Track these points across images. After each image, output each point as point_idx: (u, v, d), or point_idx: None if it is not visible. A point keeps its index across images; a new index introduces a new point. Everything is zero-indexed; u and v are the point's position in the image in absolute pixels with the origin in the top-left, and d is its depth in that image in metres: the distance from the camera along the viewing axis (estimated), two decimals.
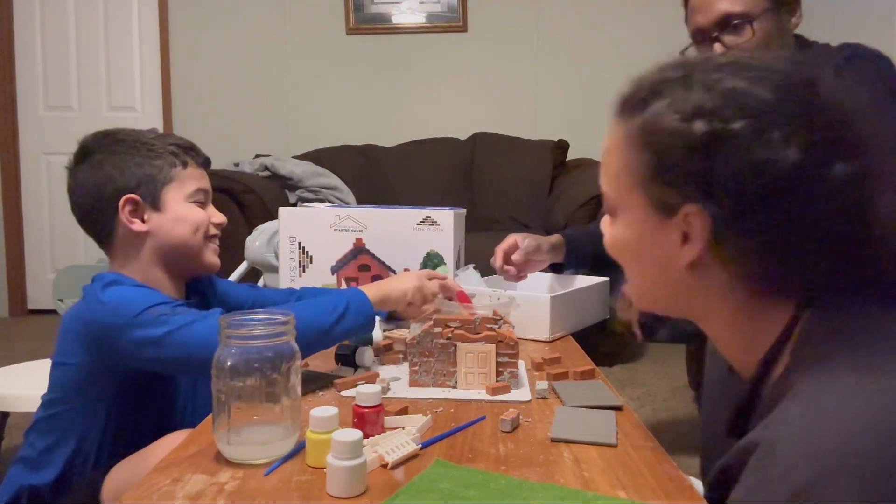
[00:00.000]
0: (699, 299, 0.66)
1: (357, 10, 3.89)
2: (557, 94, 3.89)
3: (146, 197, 1.07)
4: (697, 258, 0.62)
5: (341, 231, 1.54)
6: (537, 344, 1.33)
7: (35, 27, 4.01)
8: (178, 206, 1.09)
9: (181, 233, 1.09)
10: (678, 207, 0.62)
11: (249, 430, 0.77)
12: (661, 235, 0.64)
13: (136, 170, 1.07)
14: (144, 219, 1.07)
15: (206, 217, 1.12)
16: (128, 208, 1.06)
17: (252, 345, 0.77)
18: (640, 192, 0.65)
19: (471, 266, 1.53)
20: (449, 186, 3.50)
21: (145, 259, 1.08)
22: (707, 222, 0.60)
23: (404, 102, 3.94)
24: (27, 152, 4.06)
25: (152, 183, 1.07)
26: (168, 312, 0.96)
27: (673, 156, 0.61)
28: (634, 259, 0.70)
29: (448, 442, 0.82)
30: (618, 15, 3.80)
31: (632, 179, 0.66)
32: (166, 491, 0.69)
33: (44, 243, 4.09)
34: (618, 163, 0.68)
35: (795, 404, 0.55)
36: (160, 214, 1.08)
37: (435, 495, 0.66)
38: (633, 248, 0.69)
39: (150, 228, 1.07)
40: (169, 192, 1.08)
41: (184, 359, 0.94)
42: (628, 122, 0.67)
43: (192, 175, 1.11)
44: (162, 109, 4.01)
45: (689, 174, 0.61)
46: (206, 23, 3.95)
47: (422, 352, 1.02)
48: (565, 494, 0.67)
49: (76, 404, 1.01)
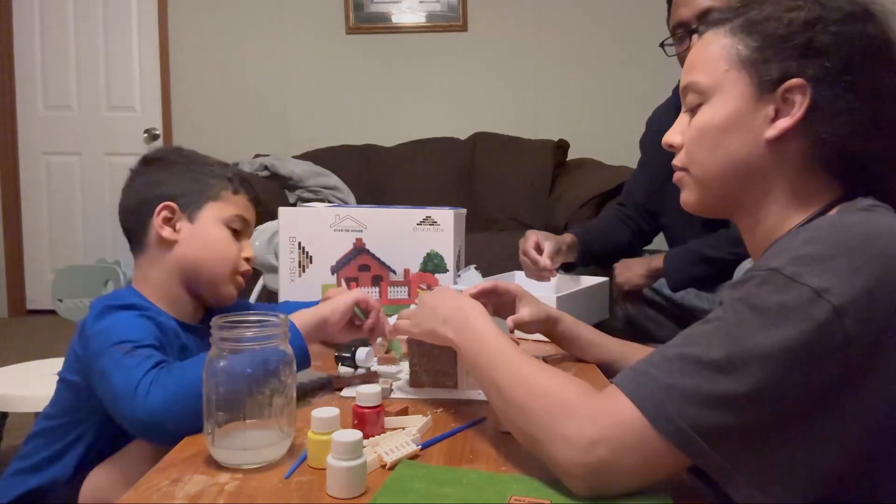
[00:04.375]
0: (764, 179, 0.73)
1: (357, 10, 3.89)
2: (557, 94, 3.89)
3: (185, 207, 1.05)
4: (784, 131, 0.70)
5: (341, 231, 1.54)
6: (538, 344, 1.33)
7: (34, 27, 4.01)
8: (212, 225, 1.07)
9: (206, 255, 1.06)
10: (781, 82, 0.70)
11: (241, 434, 0.76)
12: (755, 111, 0.72)
13: (185, 182, 1.06)
14: (176, 227, 1.05)
15: (236, 251, 1.08)
16: (163, 214, 1.04)
17: (243, 348, 0.76)
18: (741, 71, 0.73)
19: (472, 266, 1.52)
20: (449, 186, 3.50)
21: (167, 271, 1.05)
22: (807, 92, 0.69)
23: (404, 102, 3.94)
24: (26, 152, 4.06)
25: (195, 195, 1.06)
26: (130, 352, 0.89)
27: (777, 35, 0.71)
28: (716, 139, 0.74)
29: (448, 442, 0.81)
30: (618, 15, 3.80)
31: (733, 61, 0.73)
32: (166, 491, 0.68)
33: (43, 243, 4.09)
34: (717, 51, 0.75)
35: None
36: (192, 227, 1.05)
37: (412, 495, 0.66)
38: (719, 127, 0.74)
39: (179, 238, 1.05)
40: (209, 208, 1.07)
41: (111, 409, 0.89)
42: (727, 23, 0.75)
43: (237, 201, 1.10)
44: (161, 109, 4.01)
45: (794, 49, 0.70)
46: (205, 23, 3.95)
47: (422, 352, 1.02)
48: (538, 484, 0.68)
49: (68, 420, 1.00)
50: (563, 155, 3.54)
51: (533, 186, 3.42)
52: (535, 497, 0.65)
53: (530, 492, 0.66)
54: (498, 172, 3.51)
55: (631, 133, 1.98)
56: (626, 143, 2.38)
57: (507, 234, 2.96)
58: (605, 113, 3.81)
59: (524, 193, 3.42)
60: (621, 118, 3.50)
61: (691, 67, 0.78)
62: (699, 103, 0.76)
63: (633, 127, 1.97)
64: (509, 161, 3.52)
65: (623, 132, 2.80)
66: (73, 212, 4.09)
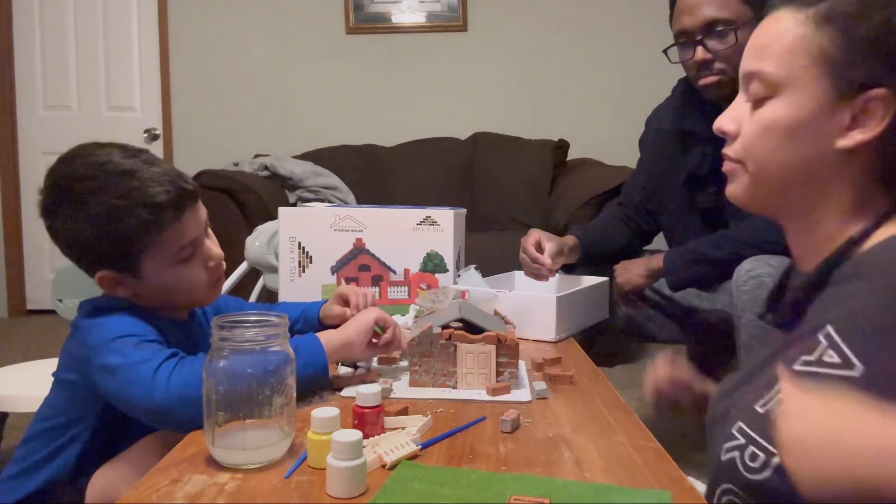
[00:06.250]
0: (825, 185, 0.68)
1: (357, 10, 3.89)
2: (557, 94, 3.88)
3: (122, 269, 0.94)
4: (859, 144, 0.65)
5: (341, 231, 1.54)
6: (538, 344, 1.33)
7: (34, 27, 4.00)
8: (161, 273, 0.95)
9: (169, 298, 1.00)
10: (863, 89, 0.64)
11: (241, 434, 0.76)
12: (829, 116, 0.66)
13: (106, 236, 0.91)
14: (126, 283, 0.96)
15: (201, 274, 0.99)
16: (105, 283, 0.96)
17: (243, 348, 0.76)
18: (819, 69, 0.66)
19: (472, 267, 1.52)
20: (449, 186, 3.49)
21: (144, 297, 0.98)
22: (892, 106, 0.63)
23: (404, 102, 3.94)
24: (26, 152, 4.06)
25: (125, 252, 0.92)
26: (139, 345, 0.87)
27: (868, 37, 0.63)
28: (783, 139, 0.69)
29: (448, 442, 0.82)
30: (618, 15, 3.80)
31: (814, 58, 0.66)
32: (166, 491, 0.68)
33: (43, 243, 4.09)
34: (793, 41, 0.68)
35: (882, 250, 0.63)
36: (140, 282, 0.96)
37: (411, 496, 0.66)
38: (788, 128, 0.68)
39: (137, 292, 0.97)
40: (147, 259, 0.93)
41: (124, 399, 0.88)
42: (810, 8, 0.67)
43: (173, 233, 0.93)
44: (161, 109, 4.00)
45: (884, 55, 0.63)
46: (205, 22, 3.95)
47: (422, 352, 1.02)
48: (537, 483, 0.68)
49: (63, 420, 1.00)
50: (563, 155, 3.54)
51: (533, 186, 3.42)
52: (534, 496, 0.65)
53: (530, 491, 0.66)
54: (498, 172, 3.51)
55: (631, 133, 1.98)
56: (626, 143, 2.38)
57: (507, 234, 2.96)
58: (605, 113, 3.81)
59: (524, 193, 3.42)
60: (621, 118, 3.50)
61: (760, 52, 0.71)
62: (766, 96, 0.70)
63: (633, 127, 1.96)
64: (509, 161, 3.52)
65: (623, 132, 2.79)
66: None
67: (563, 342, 1.36)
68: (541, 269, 1.54)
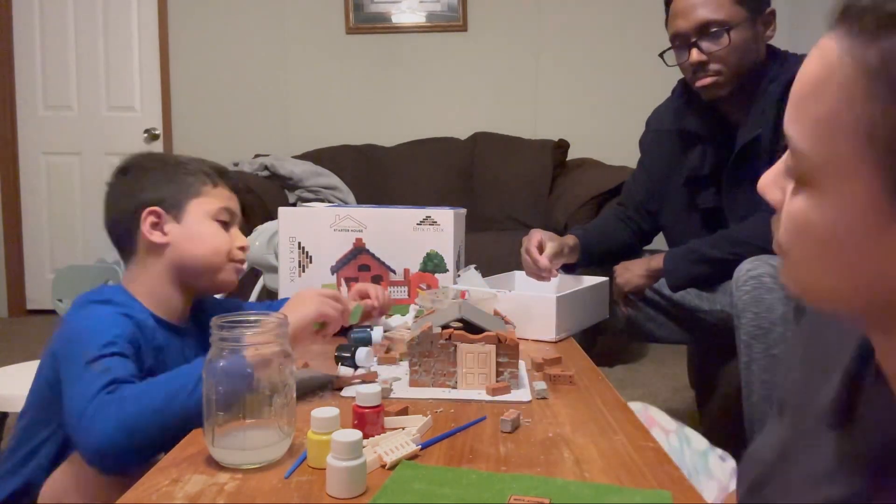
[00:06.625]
0: None
1: (357, 10, 3.89)
2: (557, 94, 3.88)
3: (169, 209, 1.07)
4: None
5: (341, 231, 1.54)
6: (538, 344, 1.33)
7: (34, 27, 4.00)
8: (199, 221, 1.09)
9: (199, 251, 1.08)
10: None
11: (241, 434, 0.76)
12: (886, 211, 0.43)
13: (165, 185, 1.08)
14: (165, 230, 1.07)
15: (228, 241, 1.11)
16: (150, 220, 1.06)
17: (242, 348, 0.76)
18: (873, 156, 0.43)
19: (472, 266, 1.52)
20: (449, 186, 3.50)
21: (159, 273, 1.06)
22: None
23: (404, 102, 3.94)
24: (26, 152, 4.06)
25: (178, 196, 1.08)
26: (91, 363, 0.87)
27: None
28: (823, 250, 0.47)
29: (448, 442, 0.81)
30: (618, 15, 3.80)
31: (862, 137, 0.43)
32: (166, 491, 0.68)
33: (43, 243, 4.09)
34: (839, 106, 0.44)
35: None
36: (181, 227, 1.07)
37: (411, 496, 0.66)
38: (825, 240, 0.47)
39: (170, 241, 1.06)
40: (193, 205, 1.09)
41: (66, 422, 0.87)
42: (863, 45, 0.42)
43: (219, 194, 1.12)
44: (161, 109, 4.00)
45: None
46: (205, 23, 3.95)
47: (422, 352, 1.02)
48: (537, 483, 0.68)
49: (39, 418, 0.99)
50: (563, 155, 3.54)
51: (533, 186, 3.42)
52: (534, 496, 0.65)
53: (529, 491, 0.66)
54: (498, 172, 3.51)
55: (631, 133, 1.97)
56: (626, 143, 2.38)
57: (507, 234, 2.96)
58: (605, 113, 3.81)
59: (524, 193, 3.42)
60: (621, 118, 3.50)
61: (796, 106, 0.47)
62: (801, 179, 0.48)
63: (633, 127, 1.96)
64: (509, 161, 3.52)
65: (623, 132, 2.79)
66: (73, 212, 4.08)
67: (563, 342, 1.36)
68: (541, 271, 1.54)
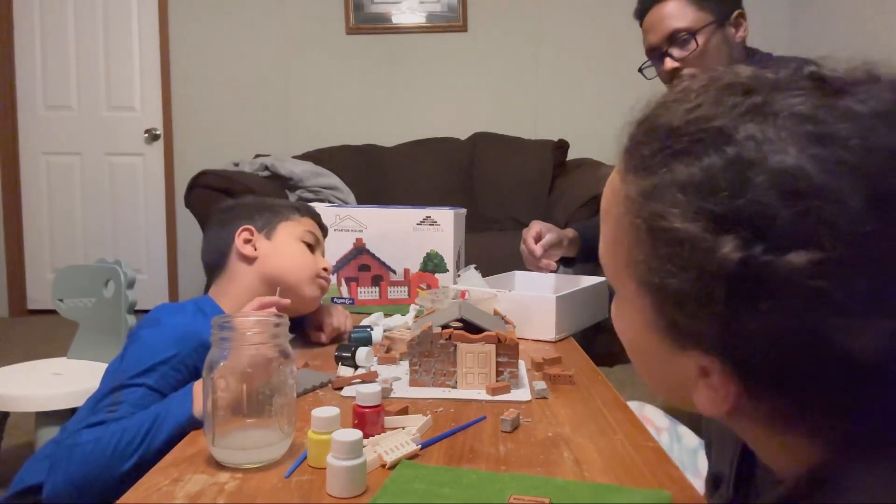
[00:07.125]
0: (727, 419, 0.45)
1: (357, 10, 3.89)
2: (557, 94, 3.88)
3: (262, 228, 1.20)
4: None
5: (341, 231, 1.54)
6: (538, 344, 1.33)
7: (34, 27, 4.01)
8: (287, 241, 1.21)
9: (286, 264, 1.19)
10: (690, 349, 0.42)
11: (241, 434, 0.76)
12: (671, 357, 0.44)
13: (258, 212, 1.23)
14: (256, 246, 1.18)
15: (313, 260, 1.23)
16: (243, 235, 1.18)
17: (243, 347, 0.76)
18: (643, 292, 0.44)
19: (472, 266, 1.52)
20: (449, 186, 3.50)
21: (247, 286, 1.15)
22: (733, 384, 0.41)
23: (404, 102, 3.94)
24: (27, 152, 4.06)
25: (270, 219, 1.22)
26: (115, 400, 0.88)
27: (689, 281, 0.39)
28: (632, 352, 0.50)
29: (448, 442, 0.82)
30: (618, 15, 3.79)
31: (633, 273, 0.44)
32: (166, 491, 0.68)
33: (43, 243, 4.09)
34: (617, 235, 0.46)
35: None
36: (270, 244, 1.19)
37: (411, 496, 0.66)
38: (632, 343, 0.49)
39: (259, 255, 1.17)
40: (282, 227, 1.22)
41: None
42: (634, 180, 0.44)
43: (305, 222, 1.26)
44: (162, 109, 4.00)
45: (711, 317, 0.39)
46: (206, 23, 3.95)
47: (422, 352, 1.02)
48: (537, 483, 0.68)
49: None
50: (562, 155, 3.54)
51: (533, 186, 3.42)
52: (534, 496, 0.65)
53: (529, 490, 0.66)
54: (498, 172, 3.51)
55: None
56: None
57: (507, 234, 2.96)
58: (605, 113, 3.80)
59: (524, 193, 3.42)
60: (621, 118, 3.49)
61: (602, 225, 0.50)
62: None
63: None
64: (509, 161, 3.52)
65: None
66: (73, 212, 4.09)
67: (562, 342, 1.36)
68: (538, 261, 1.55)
